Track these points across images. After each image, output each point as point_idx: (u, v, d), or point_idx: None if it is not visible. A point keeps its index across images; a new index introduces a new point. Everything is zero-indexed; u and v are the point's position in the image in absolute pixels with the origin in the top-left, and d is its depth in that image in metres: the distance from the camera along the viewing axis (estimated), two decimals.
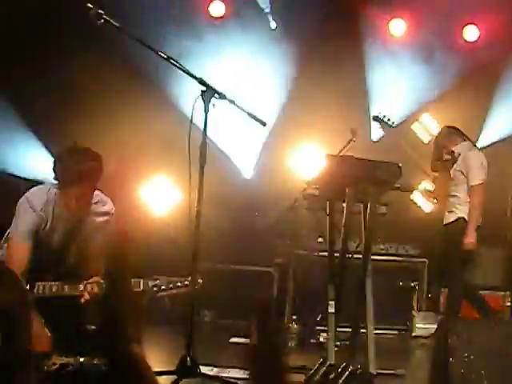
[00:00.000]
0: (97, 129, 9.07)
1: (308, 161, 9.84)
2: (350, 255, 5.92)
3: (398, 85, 10.74)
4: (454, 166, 8.26)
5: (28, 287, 4.99)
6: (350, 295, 6.02)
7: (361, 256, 5.78)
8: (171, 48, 7.69)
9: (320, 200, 5.95)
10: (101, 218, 5.35)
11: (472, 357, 4.00)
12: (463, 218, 8.07)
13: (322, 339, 8.22)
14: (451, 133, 8.40)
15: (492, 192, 9.98)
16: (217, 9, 10.61)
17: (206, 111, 5.24)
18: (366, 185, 5.23)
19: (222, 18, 10.63)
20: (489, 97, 11.05)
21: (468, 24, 11.01)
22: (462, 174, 8.07)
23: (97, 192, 5.29)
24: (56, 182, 5.11)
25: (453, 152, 8.17)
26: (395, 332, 9.32)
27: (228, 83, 6.97)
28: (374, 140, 10.80)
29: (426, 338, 8.95)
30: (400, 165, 5.27)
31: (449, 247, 8.14)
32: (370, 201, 5.35)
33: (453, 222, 8.11)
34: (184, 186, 9.61)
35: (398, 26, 10.93)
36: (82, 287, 5.05)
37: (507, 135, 11.03)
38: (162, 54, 5.36)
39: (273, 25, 10.63)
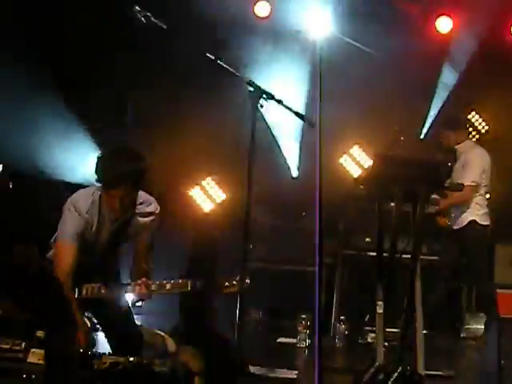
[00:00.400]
0: (151, 132, 9.19)
1: (357, 160, 9.86)
2: (399, 255, 5.87)
3: (445, 82, 10.66)
4: (456, 163, 8.26)
5: (76, 289, 5.05)
6: (398, 295, 5.97)
7: (410, 256, 5.72)
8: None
9: (369, 200, 5.92)
10: (146, 219, 5.38)
11: None
12: (474, 221, 8.15)
13: (370, 340, 8.19)
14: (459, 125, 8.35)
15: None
16: (262, 9, 10.49)
17: (254, 112, 5.23)
18: (415, 185, 5.19)
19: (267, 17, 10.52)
20: None
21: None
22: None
23: (141, 193, 5.32)
24: (99, 183, 5.16)
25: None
26: (445, 333, 9.22)
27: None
28: (423, 138, 10.75)
29: (474, 339, 8.86)
30: (450, 164, 5.23)
31: (471, 252, 8.18)
32: (419, 201, 5.31)
33: (466, 226, 8.16)
34: (234, 186, 9.74)
35: (444, 23, 10.76)
36: (130, 289, 5.10)
37: None
38: (211, 56, 5.36)
39: None
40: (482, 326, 8.76)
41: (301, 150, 10.65)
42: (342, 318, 8.51)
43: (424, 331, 7.50)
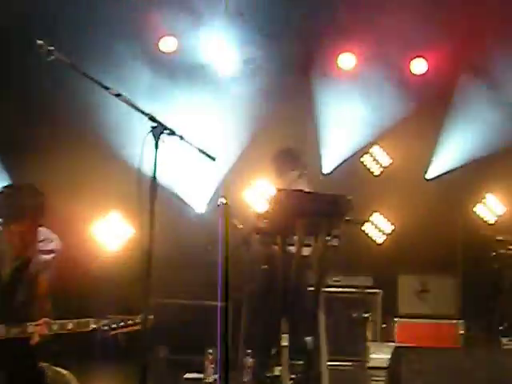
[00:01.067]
0: (50, 168, 9.05)
1: (261, 195, 9.92)
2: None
3: (348, 117, 10.83)
4: None
5: None
6: (305, 328, 6.01)
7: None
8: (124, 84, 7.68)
9: (271, 234, 5.97)
10: (47, 256, 5.27)
11: None
12: None
13: (277, 373, 8.18)
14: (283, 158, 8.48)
15: (442, 221, 10.18)
16: (167, 44, 10.56)
17: (156, 147, 5.21)
18: (316, 218, 5.26)
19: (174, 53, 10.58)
20: (438, 129, 11.24)
21: (416, 57, 11.21)
22: None
23: (43, 229, 5.22)
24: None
25: None
26: (350, 363, 9.30)
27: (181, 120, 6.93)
28: (326, 173, 10.92)
29: (380, 368, 8.96)
30: (350, 198, 5.32)
31: None
32: (320, 233, 5.38)
33: None
34: (137, 223, 9.66)
35: (347, 60, 11.07)
36: (31, 328, 4.98)
37: (455, 166, 11.21)
38: (113, 91, 5.33)
39: None
40: (388, 356, 8.88)
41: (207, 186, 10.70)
42: (248, 351, 8.49)
43: (330, 362, 7.63)
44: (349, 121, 10.84)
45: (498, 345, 9.27)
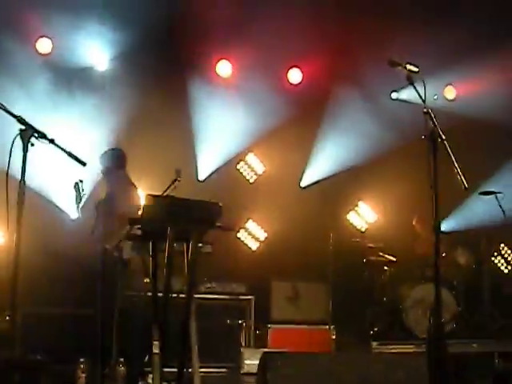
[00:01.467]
0: None
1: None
2: (176, 295, 5.89)
3: (224, 125, 10.88)
4: None
5: None
6: (176, 335, 5.97)
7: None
8: None
9: (144, 240, 5.92)
10: None
11: None
12: None
13: (150, 380, 8.11)
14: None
15: (314, 228, 10.37)
16: (44, 46, 10.32)
17: (25, 151, 5.09)
18: (186, 224, 5.25)
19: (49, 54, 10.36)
20: (312, 137, 11.45)
21: (293, 67, 11.40)
22: None
23: None
24: None
25: None
26: (224, 370, 9.31)
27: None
28: (201, 179, 10.93)
29: (254, 374, 9.01)
30: (221, 204, 5.34)
31: None
32: (191, 240, 5.38)
33: None
34: (4, 229, 9.37)
35: (224, 68, 11.13)
36: None
37: (329, 174, 11.45)
38: None
39: None
40: None
41: None
42: (121, 360, 8.37)
43: (204, 369, 7.62)
44: (225, 128, 10.89)
45: (368, 349, 9.52)
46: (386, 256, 10.53)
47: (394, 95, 11.69)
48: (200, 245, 5.86)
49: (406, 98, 11.00)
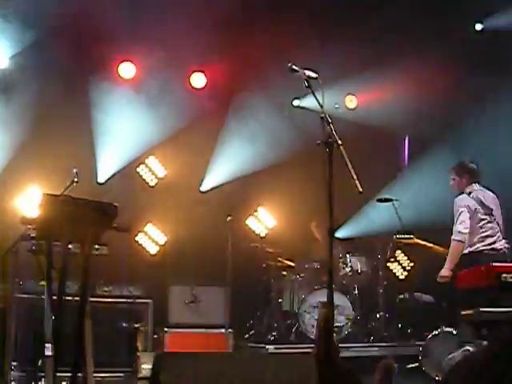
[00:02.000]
0: None
1: (32, 202, 9.62)
2: (71, 298, 5.79)
3: (125, 127, 10.79)
4: None
5: None
6: (71, 338, 5.87)
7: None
8: None
9: (39, 241, 5.80)
10: None
11: None
12: None
13: None
14: None
15: (214, 233, 10.38)
16: None
17: None
18: (81, 224, 5.18)
19: None
20: (213, 142, 11.49)
21: (196, 71, 11.41)
22: None
23: None
24: None
25: None
26: (121, 374, 9.21)
27: None
28: (101, 182, 10.81)
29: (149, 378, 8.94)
30: (116, 204, 5.29)
31: None
32: (86, 241, 5.30)
33: None
34: None
35: (127, 69, 11.04)
36: None
37: (230, 179, 11.51)
38: None
39: None
40: None
41: None
42: (14, 364, 8.20)
43: (101, 373, 7.54)
44: (126, 130, 10.81)
45: (265, 352, 9.58)
46: (285, 261, 10.64)
47: (295, 102, 11.84)
48: (97, 246, 5.80)
49: (308, 105, 11.14)
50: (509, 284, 6.73)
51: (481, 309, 6.81)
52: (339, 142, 4.86)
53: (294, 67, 5.25)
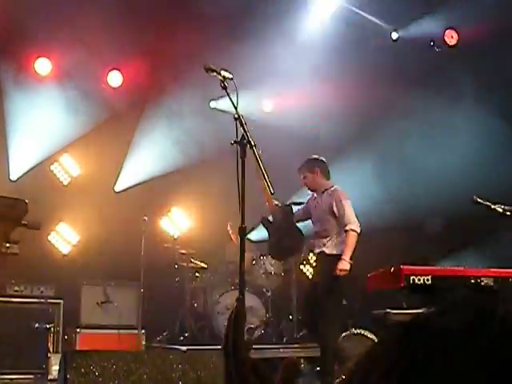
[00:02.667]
0: None
1: None
2: None
3: (40, 124, 10.63)
4: None
5: None
6: None
7: None
8: None
9: None
10: None
11: None
12: None
13: None
14: None
15: (128, 233, 10.31)
16: None
17: None
18: None
19: None
20: (128, 142, 11.43)
21: (113, 69, 11.33)
22: None
23: None
24: None
25: None
26: (31, 376, 9.05)
27: None
28: (13, 179, 10.63)
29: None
30: (26, 201, 5.20)
31: None
32: None
33: None
34: None
35: (43, 65, 10.88)
36: None
37: (142, 180, 11.48)
38: None
39: None
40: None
41: None
42: None
43: (8, 376, 7.40)
44: (40, 127, 10.64)
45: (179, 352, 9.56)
46: (197, 262, 10.63)
47: (212, 104, 11.86)
48: (7, 245, 5.69)
49: (224, 107, 11.19)
50: (417, 286, 6.89)
51: (388, 310, 6.97)
52: (252, 142, 4.90)
53: (210, 66, 5.27)
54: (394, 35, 11.73)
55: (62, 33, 10.29)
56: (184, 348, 9.54)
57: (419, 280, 6.89)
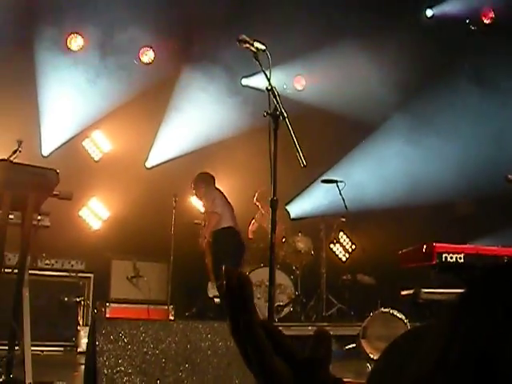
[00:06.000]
0: None
1: None
2: (12, 270, 5.70)
3: (71, 100, 10.65)
4: None
5: None
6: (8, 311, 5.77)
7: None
8: None
9: None
10: None
11: (117, 357, 4.06)
12: None
13: None
14: None
15: (157, 209, 10.33)
16: None
17: None
18: (23, 190, 5.07)
19: None
20: (160, 118, 11.41)
21: (145, 46, 11.32)
22: None
23: None
24: None
25: None
26: (61, 348, 9.14)
27: None
28: (45, 155, 10.66)
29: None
30: (57, 171, 5.19)
31: None
32: (27, 207, 5.19)
33: None
34: None
35: (75, 41, 10.88)
36: None
37: (173, 157, 11.47)
38: None
39: None
40: None
41: None
42: None
43: (40, 347, 7.44)
44: (72, 103, 10.65)
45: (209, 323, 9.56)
46: None
47: (244, 81, 11.80)
48: (39, 217, 5.69)
49: (256, 85, 11.14)
50: (449, 264, 6.82)
51: (421, 289, 6.92)
52: (285, 114, 4.84)
53: (243, 37, 5.20)
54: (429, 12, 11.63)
55: (94, 8, 10.28)
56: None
57: (451, 258, 6.83)
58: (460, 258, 6.82)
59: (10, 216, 5.39)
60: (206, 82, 11.25)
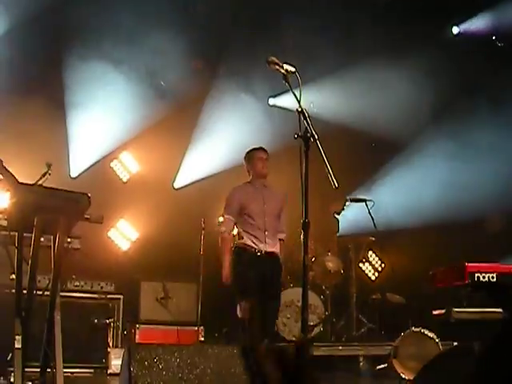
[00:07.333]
0: None
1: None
2: (42, 292, 5.71)
3: (100, 122, 10.69)
4: None
5: None
6: (41, 333, 5.79)
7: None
8: None
9: (10, 232, 5.69)
10: None
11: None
12: None
13: (12, 379, 7.86)
14: None
15: (186, 230, 10.32)
16: None
17: None
18: (54, 215, 5.10)
19: None
20: (187, 138, 11.43)
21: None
22: None
23: None
24: None
25: None
26: (91, 370, 9.15)
27: None
28: (74, 176, 10.71)
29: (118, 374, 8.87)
30: (89, 194, 5.22)
31: None
32: (59, 230, 5.21)
33: None
34: None
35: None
36: None
37: (202, 177, 11.47)
38: None
39: None
40: None
41: None
42: None
43: (70, 369, 7.43)
44: (100, 125, 10.71)
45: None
46: None
47: (271, 101, 11.80)
48: (68, 240, 5.71)
49: (283, 105, 11.14)
50: (482, 283, 6.75)
51: (453, 308, 6.84)
52: (315, 136, 4.83)
53: (273, 59, 5.21)
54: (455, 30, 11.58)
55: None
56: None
57: (484, 277, 6.75)
58: (493, 278, 6.73)
59: (41, 239, 5.42)
60: (234, 103, 11.26)
